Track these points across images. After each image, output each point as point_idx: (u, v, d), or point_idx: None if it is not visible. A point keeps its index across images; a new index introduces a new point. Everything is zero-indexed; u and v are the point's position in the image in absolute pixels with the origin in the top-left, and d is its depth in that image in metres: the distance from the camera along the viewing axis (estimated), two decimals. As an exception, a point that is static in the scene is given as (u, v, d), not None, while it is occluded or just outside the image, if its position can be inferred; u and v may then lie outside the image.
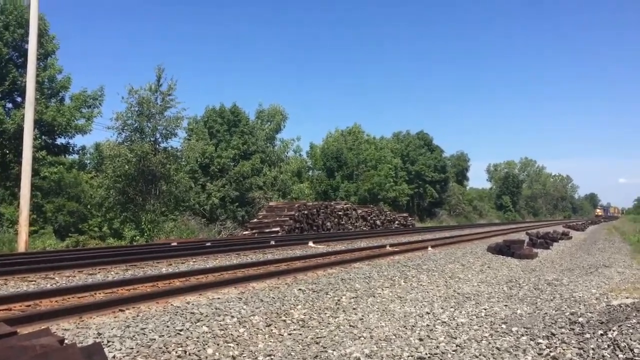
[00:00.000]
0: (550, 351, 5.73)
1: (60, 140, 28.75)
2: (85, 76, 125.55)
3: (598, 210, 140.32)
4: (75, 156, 32.81)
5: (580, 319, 7.02)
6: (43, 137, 26.84)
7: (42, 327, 4.97)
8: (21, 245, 17.55)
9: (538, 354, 5.69)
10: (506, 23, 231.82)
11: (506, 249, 17.93)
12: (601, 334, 6.04)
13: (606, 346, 5.63)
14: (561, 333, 6.40)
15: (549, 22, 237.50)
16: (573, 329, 6.54)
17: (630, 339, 5.62)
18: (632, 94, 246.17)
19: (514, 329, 6.76)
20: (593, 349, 5.63)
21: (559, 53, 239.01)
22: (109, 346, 5.34)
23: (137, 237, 25.60)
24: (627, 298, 9.14)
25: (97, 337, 5.58)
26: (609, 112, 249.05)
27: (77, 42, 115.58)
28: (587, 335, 6.12)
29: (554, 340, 6.12)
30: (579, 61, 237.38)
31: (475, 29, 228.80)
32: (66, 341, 3.91)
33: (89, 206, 27.83)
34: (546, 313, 7.85)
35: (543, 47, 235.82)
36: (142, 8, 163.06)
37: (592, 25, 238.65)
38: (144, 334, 5.84)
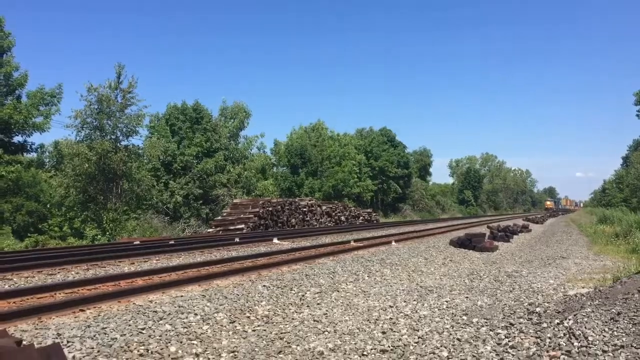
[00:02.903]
0: (509, 341, 5.88)
1: (17, 139, 28.08)
2: (43, 74, 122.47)
3: (548, 203, 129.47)
4: (34, 154, 32.05)
5: (538, 309, 7.21)
6: (-1, 135, 26.16)
7: (-1, 329, 4.86)
8: (-23, 247, 17.08)
9: (497, 343, 5.83)
10: (469, 24, 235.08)
11: (468, 243, 18.26)
12: (557, 323, 6.21)
13: (562, 335, 5.79)
14: (519, 323, 6.56)
15: (512, 24, 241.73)
16: (531, 319, 6.71)
17: (585, 327, 5.79)
18: (588, 92, 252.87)
19: (474, 320, 6.90)
20: (550, 337, 5.79)
21: (518, 54, 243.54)
22: (69, 346, 5.26)
23: (99, 237, 25.17)
24: (583, 288, 9.42)
25: (57, 338, 5.48)
26: (566, 110, 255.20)
27: (35, 39, 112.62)
28: (544, 325, 6.29)
29: (513, 330, 6.27)
30: (536, 63, 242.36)
31: (437, 30, 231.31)
32: (24, 342, 3.83)
33: (48, 205, 27.22)
34: (505, 304, 8.04)
35: (503, 48, 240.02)
36: (102, 5, 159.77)
37: (552, 28, 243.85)
38: (105, 334, 5.77)
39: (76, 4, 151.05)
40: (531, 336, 5.97)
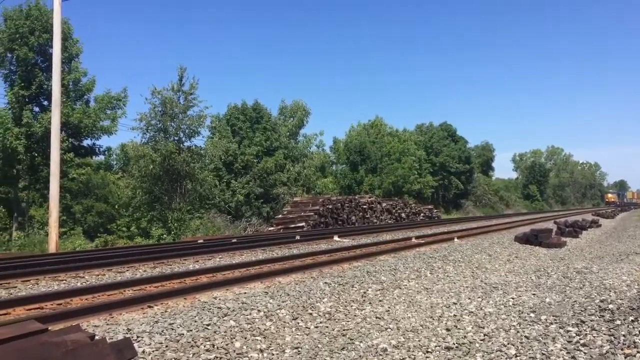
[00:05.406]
0: (580, 338, 5.65)
1: (86, 142, 29.23)
2: (108, 78, 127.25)
3: (610, 196, 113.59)
4: (102, 157, 33.31)
5: (611, 306, 6.91)
6: (70, 139, 27.25)
7: (73, 324, 5.07)
8: (52, 246, 17.90)
9: (567, 341, 5.62)
10: (530, 11, 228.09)
11: (534, 239, 17.71)
12: (632, 320, 5.94)
13: (637, 332, 5.53)
14: (591, 320, 6.31)
15: (576, 9, 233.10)
16: (603, 316, 6.44)
17: (663, 325, 5.51)
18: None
19: (542, 318, 6.68)
20: (624, 335, 5.54)
21: (585, 40, 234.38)
22: (139, 341, 5.42)
23: (164, 236, 25.88)
24: (659, 284, 8.96)
25: (127, 333, 5.66)
26: (637, 99, 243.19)
27: (100, 44, 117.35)
28: (618, 322, 6.02)
29: (584, 328, 6.03)
30: (604, 49, 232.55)
31: (498, 18, 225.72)
32: (96, 337, 3.97)
33: (116, 206, 28.22)
34: (575, 301, 7.74)
35: (569, 34, 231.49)
36: (162, 10, 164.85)
37: (620, 14, 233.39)
38: (173, 329, 5.92)
39: (139, 12, 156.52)
40: (604, 334, 5.73)
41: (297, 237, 18.78)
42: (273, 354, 5.41)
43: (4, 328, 4.03)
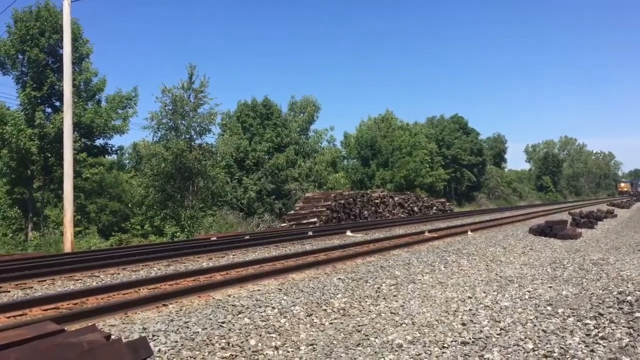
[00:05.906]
0: (599, 331, 5.59)
1: (98, 142, 29.35)
2: (118, 77, 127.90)
3: (622, 185, 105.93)
4: (114, 156, 33.46)
5: (629, 298, 6.82)
6: (82, 139, 27.39)
7: (89, 324, 5.08)
8: (67, 246, 18.02)
9: (586, 334, 5.56)
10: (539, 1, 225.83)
11: (548, 230, 17.59)
12: (651, 313, 5.86)
13: (657, 325, 5.46)
14: (609, 313, 6.23)
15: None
16: (622, 308, 6.36)
17: (683, 317, 5.43)
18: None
19: (559, 311, 6.61)
20: (643, 328, 5.46)
21: (597, 28, 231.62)
22: (154, 340, 5.42)
23: (178, 234, 26.00)
24: (677, 275, 8.85)
25: (143, 332, 5.67)
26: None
27: (110, 43, 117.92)
28: (637, 314, 5.94)
29: (602, 321, 5.96)
30: (616, 38, 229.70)
31: (507, 8, 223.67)
32: (112, 337, 3.98)
33: (130, 205, 28.38)
34: (593, 293, 7.66)
35: (578, 24, 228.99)
36: (171, 9, 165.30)
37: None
38: (188, 328, 5.92)
39: (148, 10, 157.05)
40: (623, 326, 5.66)
41: (310, 233, 18.76)
42: (288, 351, 5.40)
43: (20, 329, 4.05)
